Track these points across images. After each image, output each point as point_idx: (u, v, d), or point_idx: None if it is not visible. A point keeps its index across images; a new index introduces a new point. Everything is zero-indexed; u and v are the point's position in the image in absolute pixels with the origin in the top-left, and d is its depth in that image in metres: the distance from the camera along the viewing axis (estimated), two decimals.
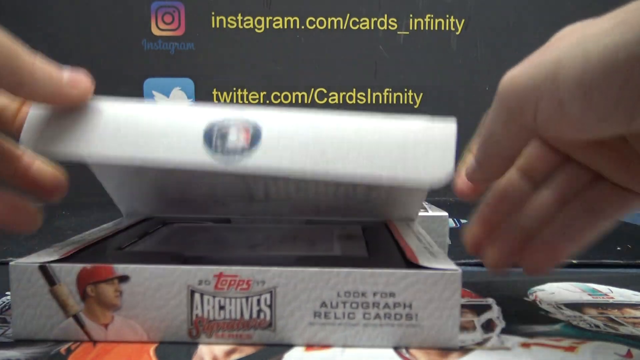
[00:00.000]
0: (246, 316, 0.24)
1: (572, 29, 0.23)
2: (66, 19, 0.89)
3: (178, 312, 0.24)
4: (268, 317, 0.24)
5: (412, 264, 0.24)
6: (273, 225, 0.36)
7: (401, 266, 0.24)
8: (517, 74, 0.22)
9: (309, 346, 0.24)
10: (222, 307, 0.24)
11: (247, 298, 0.24)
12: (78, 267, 0.24)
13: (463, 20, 0.95)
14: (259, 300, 0.24)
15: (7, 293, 0.32)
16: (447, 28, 0.95)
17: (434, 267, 0.24)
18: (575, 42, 0.20)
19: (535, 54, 0.22)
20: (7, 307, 0.29)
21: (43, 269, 0.24)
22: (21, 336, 0.24)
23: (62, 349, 0.24)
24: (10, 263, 0.24)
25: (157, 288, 0.24)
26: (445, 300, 0.23)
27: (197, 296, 0.24)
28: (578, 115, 0.20)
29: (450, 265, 0.24)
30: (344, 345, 0.24)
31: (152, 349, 0.24)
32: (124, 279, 0.24)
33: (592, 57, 0.19)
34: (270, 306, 0.24)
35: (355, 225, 0.34)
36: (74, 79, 0.25)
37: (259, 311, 0.24)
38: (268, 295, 0.24)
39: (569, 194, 0.26)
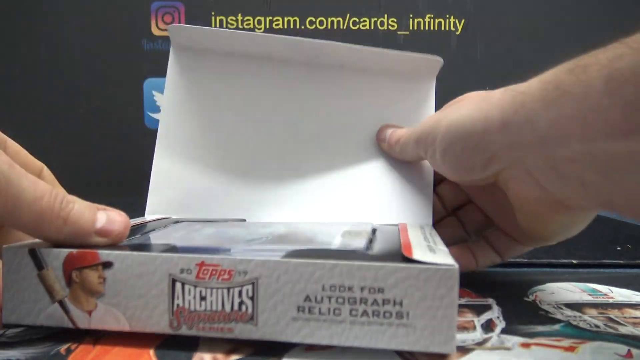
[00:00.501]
0: (227, 308, 0.23)
1: (465, 97, 0.30)
2: (66, 19, 0.89)
3: (159, 301, 0.24)
4: (250, 310, 0.23)
5: (406, 259, 0.23)
6: (284, 224, 0.36)
7: (394, 260, 0.23)
8: (420, 125, 0.33)
9: (309, 347, 0.24)
10: (203, 298, 0.23)
11: (228, 289, 0.23)
12: (65, 251, 0.24)
13: (463, 20, 0.95)
14: (240, 292, 0.23)
15: None
16: (447, 28, 0.95)
17: (428, 261, 0.22)
18: (455, 108, 0.29)
19: (436, 112, 0.33)
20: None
21: (32, 252, 0.24)
22: (10, 320, 0.25)
23: (62, 349, 0.24)
24: (4, 246, 0.24)
25: (139, 275, 0.24)
26: (440, 299, 0.22)
27: (178, 285, 0.23)
28: (440, 164, 0.31)
29: (448, 260, 0.22)
30: (329, 344, 0.23)
31: (152, 349, 0.24)
32: (107, 265, 0.24)
33: (453, 123, 0.28)
34: (252, 298, 0.23)
35: (367, 225, 0.34)
36: (107, 229, 0.25)
37: (241, 303, 0.23)
38: (250, 287, 0.23)
39: (468, 229, 0.37)
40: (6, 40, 0.88)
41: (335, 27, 0.95)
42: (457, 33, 0.95)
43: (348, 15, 0.95)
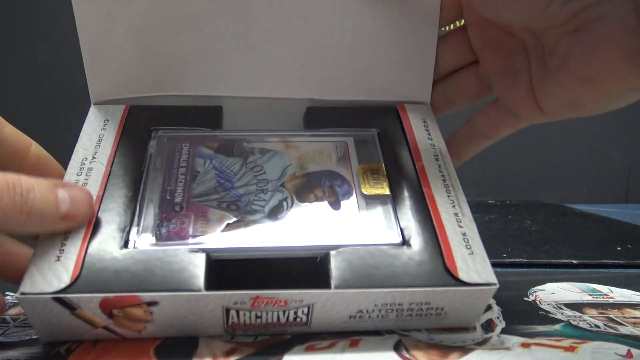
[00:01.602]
0: (282, 320, 0.24)
1: None
2: (66, 18, 0.90)
3: (213, 321, 0.24)
4: (305, 320, 0.24)
5: (451, 275, 0.24)
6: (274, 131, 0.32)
7: (441, 277, 0.24)
8: None
9: (310, 347, 0.24)
10: (258, 317, 0.24)
11: (284, 311, 0.24)
12: (99, 297, 0.22)
13: (463, 21, 0.95)
14: (296, 312, 0.24)
15: (7, 293, 0.32)
16: (446, 28, 0.95)
17: (473, 282, 0.24)
18: None
19: None
20: (7, 308, 0.29)
21: (59, 300, 0.22)
22: (50, 340, 0.24)
23: (62, 349, 0.23)
24: (18, 296, 0.22)
25: (189, 308, 0.23)
26: (475, 305, 0.25)
27: (232, 312, 0.24)
28: None
29: (489, 277, 0.25)
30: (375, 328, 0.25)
31: (152, 348, 0.24)
32: (152, 303, 0.23)
33: None
34: (307, 314, 0.24)
35: (371, 144, 0.31)
36: (72, 212, 0.23)
37: (296, 317, 0.24)
38: (306, 308, 0.24)
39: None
40: (6, 40, 0.88)
41: None
42: None
43: None
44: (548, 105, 0.29)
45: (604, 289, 0.35)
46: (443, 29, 0.33)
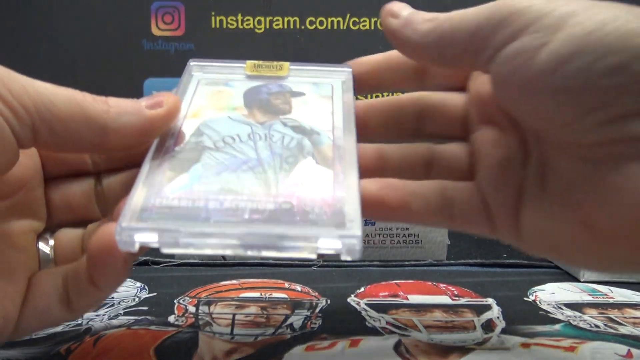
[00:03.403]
0: None
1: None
2: (66, 19, 0.90)
3: None
4: None
5: None
6: None
7: None
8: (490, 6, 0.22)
9: (310, 347, 0.24)
10: None
11: None
12: None
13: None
14: None
15: None
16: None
17: None
18: (584, 8, 0.19)
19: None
20: None
21: None
22: None
23: (62, 349, 0.23)
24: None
25: None
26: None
27: None
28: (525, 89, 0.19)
29: None
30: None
31: (152, 348, 0.24)
32: None
33: (589, 29, 0.18)
34: None
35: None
36: (154, 100, 0.22)
37: None
38: None
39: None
40: (6, 40, 0.88)
41: (335, 27, 0.95)
42: None
43: (348, 15, 0.95)
44: (527, 234, 0.21)
45: (604, 289, 0.35)
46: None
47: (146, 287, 0.34)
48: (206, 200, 0.19)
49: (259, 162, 0.21)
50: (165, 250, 0.18)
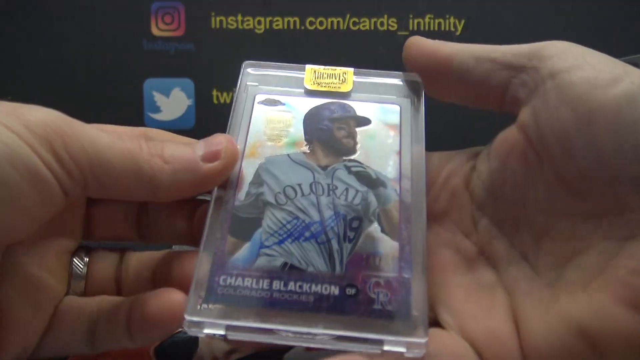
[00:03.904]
0: None
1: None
2: (65, 19, 0.90)
3: None
4: None
5: None
6: None
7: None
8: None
9: (309, 348, 0.24)
10: None
11: None
12: None
13: (463, 21, 0.95)
14: None
15: None
16: (447, 28, 0.95)
17: None
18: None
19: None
20: None
21: None
22: None
23: None
24: None
25: None
26: None
27: None
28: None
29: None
30: None
31: (152, 348, 0.23)
32: None
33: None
34: None
35: None
36: (212, 150, 0.20)
37: None
38: None
39: None
40: (6, 40, 0.88)
41: (335, 27, 0.95)
42: (457, 33, 0.95)
43: (348, 15, 0.95)
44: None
45: None
46: None
47: None
48: (270, 281, 0.19)
49: (322, 227, 0.21)
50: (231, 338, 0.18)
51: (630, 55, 0.73)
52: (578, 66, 0.19)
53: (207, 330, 0.18)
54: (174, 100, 0.92)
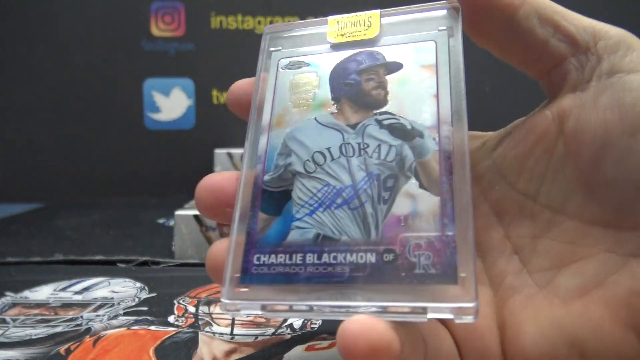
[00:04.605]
0: None
1: None
2: (66, 19, 0.89)
3: None
4: None
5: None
6: None
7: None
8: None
9: (310, 347, 0.24)
10: None
11: None
12: None
13: None
14: None
15: (6, 293, 0.32)
16: None
17: None
18: None
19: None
20: (7, 308, 0.29)
21: None
22: None
23: (62, 349, 0.23)
24: None
25: None
26: None
27: None
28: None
29: None
30: None
31: (152, 348, 0.24)
32: None
33: None
34: None
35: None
36: None
37: None
38: None
39: None
40: (5, 40, 0.88)
41: None
42: None
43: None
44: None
45: None
46: None
47: (146, 287, 0.34)
48: (303, 255, 0.18)
49: (354, 191, 0.19)
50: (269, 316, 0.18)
51: None
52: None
53: (244, 311, 0.18)
54: (174, 100, 0.92)
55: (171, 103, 0.90)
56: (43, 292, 0.32)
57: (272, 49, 0.23)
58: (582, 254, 0.19)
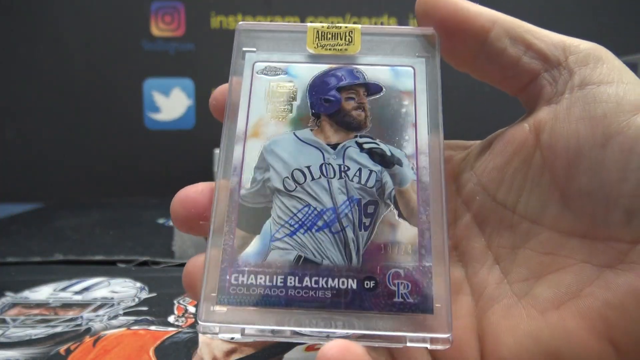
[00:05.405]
0: None
1: None
2: (66, 19, 0.89)
3: None
4: None
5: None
6: None
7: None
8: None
9: (310, 347, 0.24)
10: None
11: None
12: None
13: None
14: None
15: (6, 293, 0.32)
16: None
17: None
18: None
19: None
20: (7, 308, 0.29)
21: None
22: None
23: (62, 349, 0.23)
24: None
25: None
26: None
27: None
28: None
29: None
30: None
31: (152, 348, 0.24)
32: None
33: None
34: None
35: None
36: None
37: None
38: None
39: None
40: (6, 40, 0.88)
41: None
42: None
43: (348, 15, 0.95)
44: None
45: None
46: None
47: (146, 287, 0.34)
48: (284, 277, 0.18)
49: (335, 215, 0.19)
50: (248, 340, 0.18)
51: (630, 55, 0.73)
52: (609, 82, 0.19)
53: (222, 335, 0.17)
54: (174, 100, 0.92)
55: (171, 103, 0.90)
56: (43, 292, 0.32)
57: (245, 48, 0.22)
58: (559, 264, 0.19)
